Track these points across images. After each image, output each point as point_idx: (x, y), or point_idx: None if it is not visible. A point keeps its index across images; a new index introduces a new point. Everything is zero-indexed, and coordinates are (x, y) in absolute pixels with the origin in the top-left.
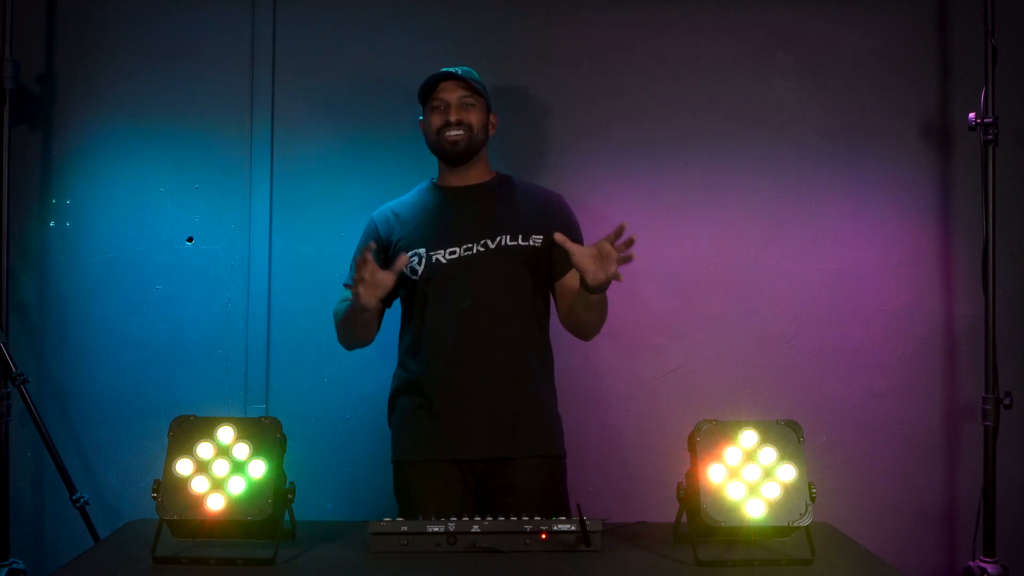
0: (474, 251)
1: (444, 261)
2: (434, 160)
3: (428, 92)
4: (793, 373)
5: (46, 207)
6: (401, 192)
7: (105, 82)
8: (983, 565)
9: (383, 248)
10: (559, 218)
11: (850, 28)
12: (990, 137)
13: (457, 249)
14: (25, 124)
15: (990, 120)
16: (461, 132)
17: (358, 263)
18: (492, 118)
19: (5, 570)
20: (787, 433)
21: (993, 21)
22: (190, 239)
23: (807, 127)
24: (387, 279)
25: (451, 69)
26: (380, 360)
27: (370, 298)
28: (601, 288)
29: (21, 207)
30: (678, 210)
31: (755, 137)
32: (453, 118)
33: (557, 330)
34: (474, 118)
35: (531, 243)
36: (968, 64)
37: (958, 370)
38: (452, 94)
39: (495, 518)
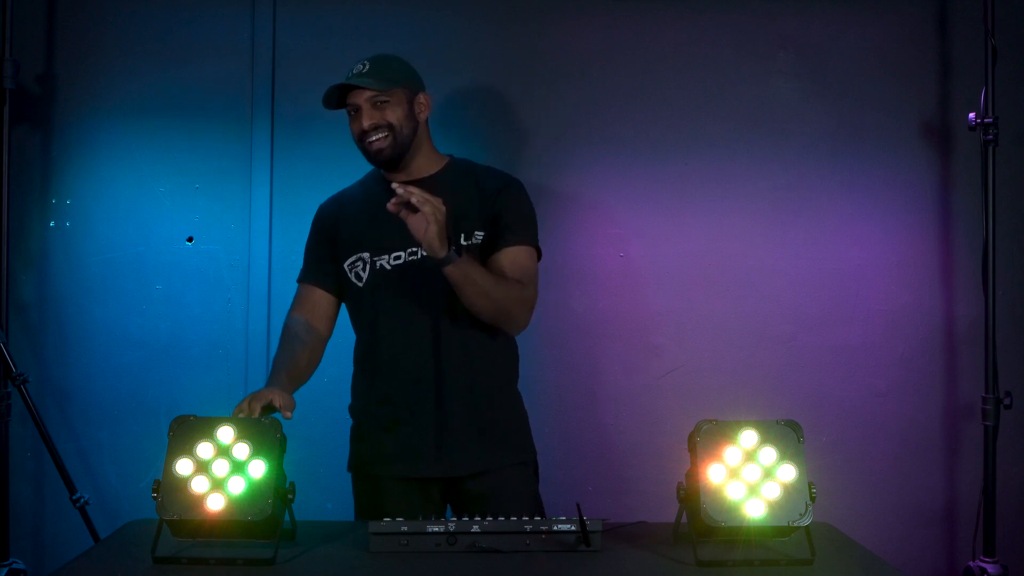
0: (419, 256)
1: (389, 267)
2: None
3: (337, 100)
4: (793, 373)
5: (46, 207)
6: None
7: (105, 82)
8: (983, 565)
9: (330, 242)
10: (505, 205)
11: (850, 28)
12: (990, 137)
13: (402, 254)
14: (25, 124)
15: (990, 120)
16: (382, 136)
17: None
18: (422, 98)
19: (5, 570)
20: (787, 433)
21: (993, 21)
22: (190, 239)
23: (807, 127)
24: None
25: (359, 70)
26: None
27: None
28: (435, 256)
29: (21, 207)
30: (678, 210)
31: (755, 137)
32: (367, 123)
33: (551, 329)
34: (392, 115)
35: (473, 240)
36: (968, 64)
37: (958, 370)
38: (360, 97)
39: (495, 518)
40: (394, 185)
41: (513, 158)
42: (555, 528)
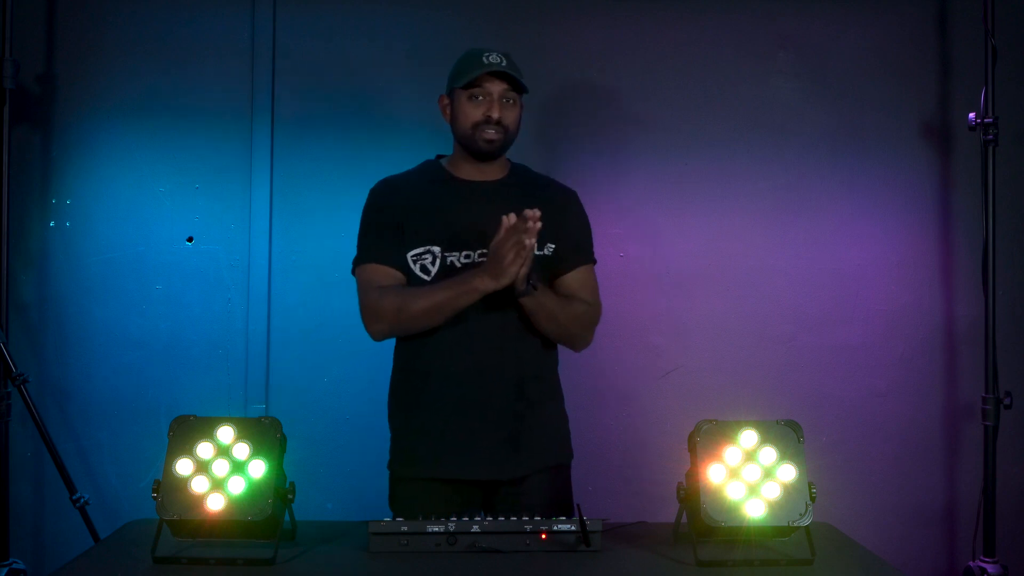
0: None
1: (459, 265)
2: (436, 151)
3: (471, 79)
4: (793, 373)
5: (46, 207)
6: None
7: (105, 82)
8: (983, 565)
9: (397, 226)
10: (572, 220)
11: (850, 28)
12: (990, 137)
13: (472, 254)
14: (25, 124)
15: (990, 120)
16: (498, 133)
17: (511, 228)
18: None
19: (5, 570)
20: (787, 433)
21: (993, 21)
22: (190, 239)
23: (807, 127)
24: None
25: (497, 61)
26: (380, 359)
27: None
28: (517, 288)
29: (21, 207)
30: (678, 210)
31: (755, 137)
32: (496, 115)
33: None
34: (512, 117)
35: (545, 252)
36: (968, 64)
37: (958, 370)
38: (497, 86)
39: (495, 518)
40: (528, 212)
41: (513, 158)
42: (555, 528)
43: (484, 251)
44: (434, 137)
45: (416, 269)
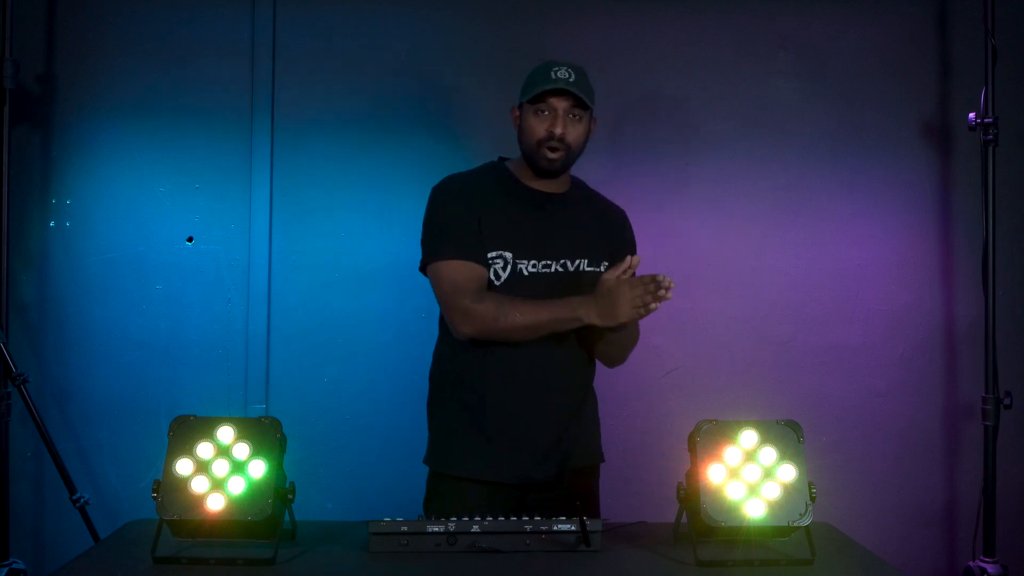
0: (552, 269)
1: (527, 274)
2: (438, 164)
3: (536, 93)
4: (793, 373)
5: (46, 207)
6: (403, 192)
7: (105, 82)
8: (983, 565)
9: (479, 225)
10: (626, 239)
11: (850, 28)
12: (990, 137)
13: (538, 264)
14: (25, 124)
15: (990, 120)
16: (560, 153)
17: (638, 280)
18: (595, 123)
19: (5, 570)
20: (787, 433)
21: (993, 21)
22: (190, 239)
23: (807, 127)
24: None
25: (565, 76)
26: (380, 359)
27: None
28: (622, 327)
29: (21, 207)
30: (678, 210)
31: (755, 137)
32: (558, 131)
33: None
34: (576, 135)
35: (601, 269)
36: (968, 64)
37: (958, 370)
38: (562, 103)
39: (495, 518)
40: (664, 280)
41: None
42: (555, 528)
43: (548, 263)
44: (434, 136)
45: (488, 273)
